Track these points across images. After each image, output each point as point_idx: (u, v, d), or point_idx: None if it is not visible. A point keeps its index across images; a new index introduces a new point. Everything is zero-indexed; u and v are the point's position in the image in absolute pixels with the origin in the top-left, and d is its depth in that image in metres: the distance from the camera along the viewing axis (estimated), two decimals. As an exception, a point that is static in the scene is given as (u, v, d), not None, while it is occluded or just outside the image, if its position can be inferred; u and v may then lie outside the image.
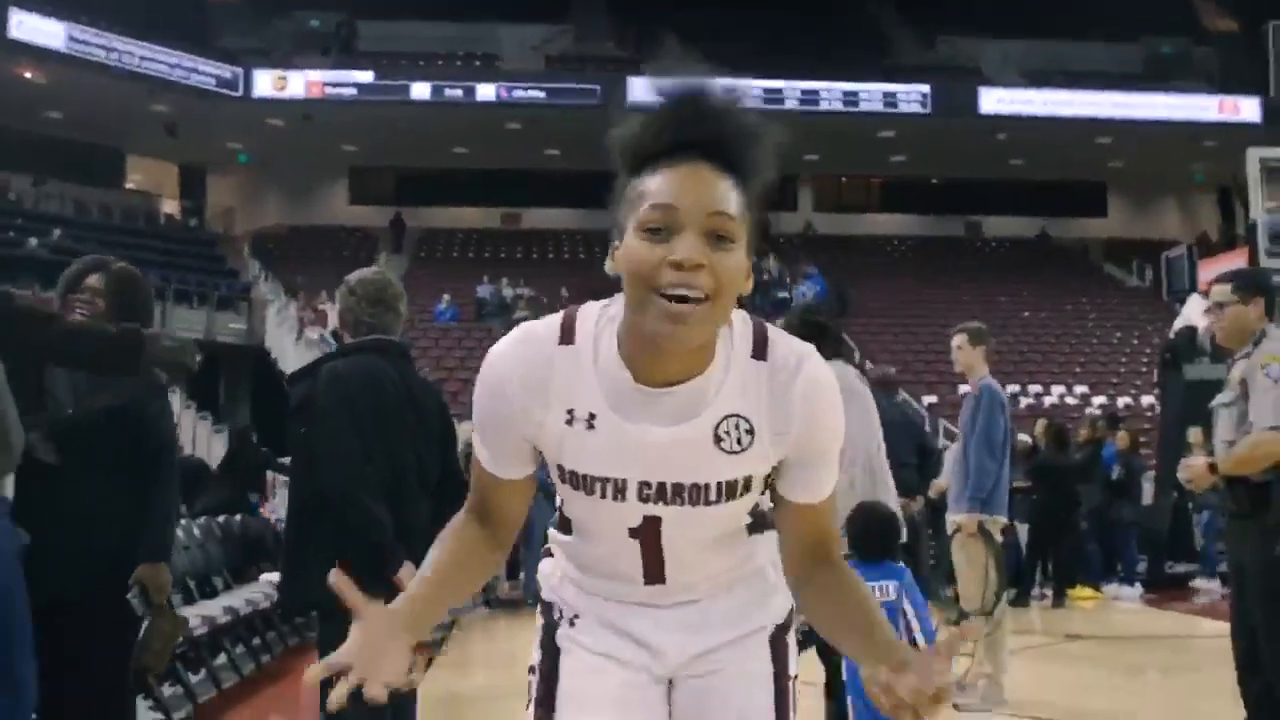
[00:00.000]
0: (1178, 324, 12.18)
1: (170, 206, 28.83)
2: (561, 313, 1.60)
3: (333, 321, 19.41)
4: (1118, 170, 28.77)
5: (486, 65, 27.36)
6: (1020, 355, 22.26)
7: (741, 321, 1.56)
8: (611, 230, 1.51)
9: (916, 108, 25.73)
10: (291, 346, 20.81)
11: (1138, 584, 11.12)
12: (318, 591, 1.74)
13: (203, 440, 18.03)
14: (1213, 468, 4.37)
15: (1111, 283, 27.34)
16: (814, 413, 1.56)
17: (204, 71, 24.43)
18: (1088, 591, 10.43)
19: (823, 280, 23.09)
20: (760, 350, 1.55)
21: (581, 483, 1.59)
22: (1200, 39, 29.53)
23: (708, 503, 1.58)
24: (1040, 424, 11.10)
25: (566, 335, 1.56)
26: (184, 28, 26.03)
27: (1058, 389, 20.29)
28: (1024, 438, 10.69)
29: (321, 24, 27.34)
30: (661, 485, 1.57)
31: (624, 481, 1.56)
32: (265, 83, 24.95)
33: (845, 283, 23.63)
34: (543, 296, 22.65)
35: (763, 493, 1.65)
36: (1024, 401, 19.52)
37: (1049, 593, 10.48)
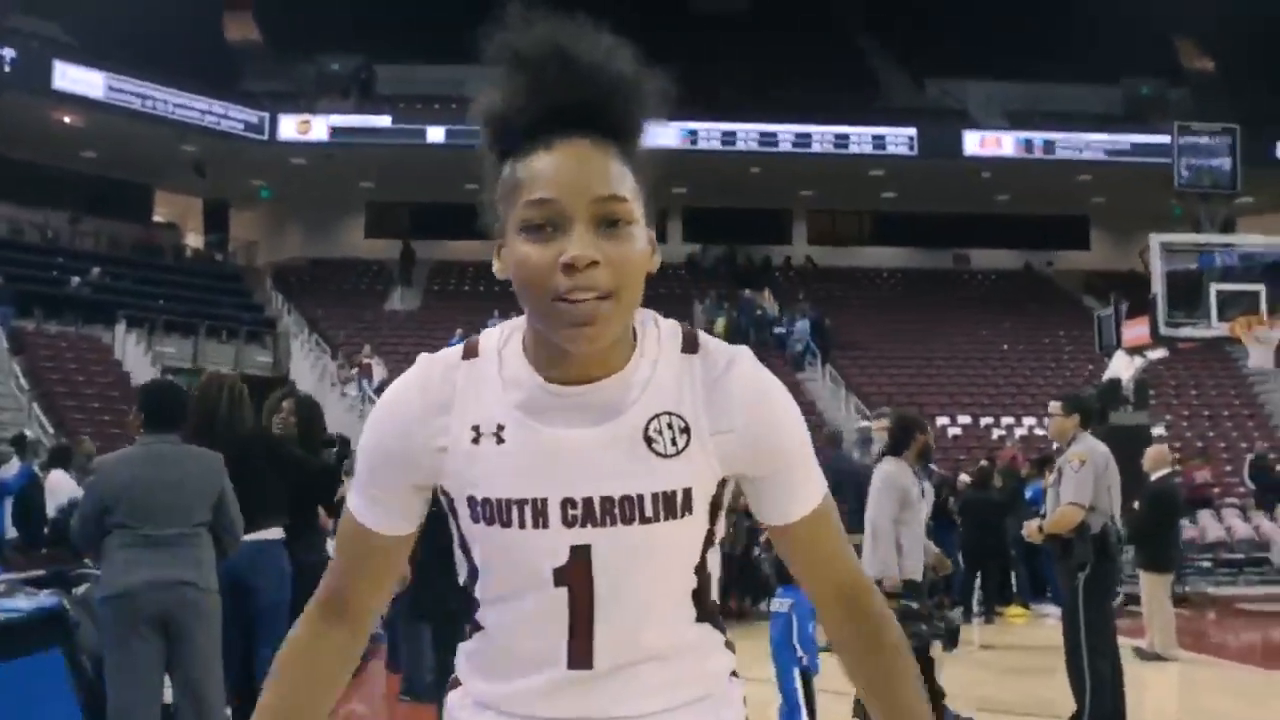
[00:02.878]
0: (1106, 375, 14.13)
1: (194, 239, 30.85)
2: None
3: (378, 376, 21.26)
4: (1100, 205, 30.62)
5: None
6: (996, 387, 24.14)
7: (669, 323, 1.43)
8: (491, 225, 1.39)
9: (904, 149, 27.65)
10: (322, 390, 22.52)
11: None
12: None
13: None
14: (1039, 528, 6.41)
15: (1089, 315, 29.18)
16: (760, 406, 1.41)
17: (232, 117, 26.41)
18: (1018, 609, 12.31)
19: (811, 319, 24.94)
20: (690, 345, 1.41)
21: (496, 513, 1.37)
22: (1177, 80, 31.42)
23: (644, 519, 1.36)
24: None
25: (469, 352, 1.43)
26: (212, 71, 28.06)
27: (1028, 420, 22.13)
28: (964, 477, 12.59)
29: (341, 67, 29.34)
30: (588, 501, 1.36)
31: (544, 502, 1.36)
32: (289, 126, 26.94)
33: (824, 315, 25.38)
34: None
35: (710, 531, 1.44)
36: (995, 433, 21.41)
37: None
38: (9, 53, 23.60)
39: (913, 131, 27.72)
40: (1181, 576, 13.81)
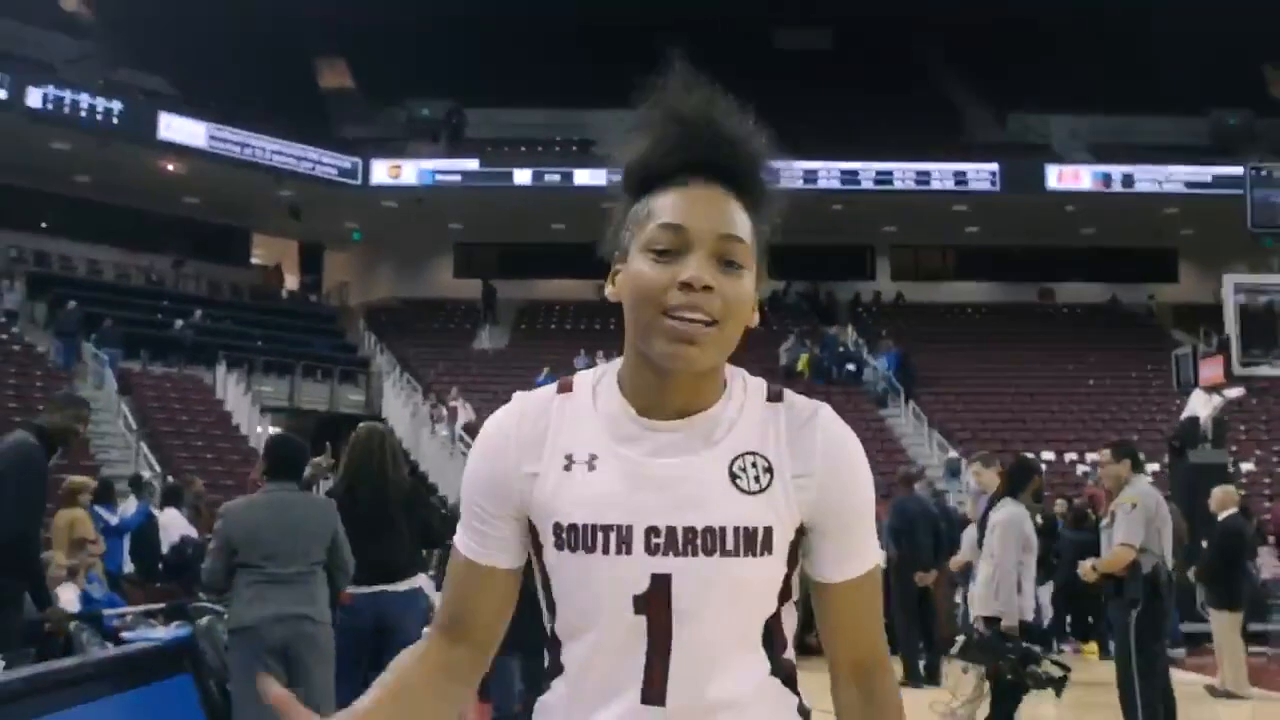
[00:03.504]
0: (1184, 415, 14.29)
1: (290, 281, 31.97)
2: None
3: (463, 417, 21.96)
4: (1188, 237, 30.47)
5: (583, 150, 30.09)
6: (1082, 423, 24.12)
7: (755, 379, 1.53)
8: (611, 252, 1.50)
9: (986, 185, 27.86)
10: (420, 433, 23.25)
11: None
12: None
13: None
14: (1093, 569, 6.76)
15: (1177, 348, 29.02)
16: (839, 460, 1.49)
17: (327, 163, 27.44)
18: (1093, 647, 12.51)
19: (898, 355, 25.18)
20: (775, 396, 1.51)
21: (580, 539, 1.44)
22: (1264, 110, 31.22)
23: (725, 552, 1.42)
24: (1059, 503, 13.24)
25: (563, 388, 1.53)
26: (307, 118, 29.20)
27: (1114, 455, 22.13)
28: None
29: (431, 112, 30.27)
30: (671, 530, 1.42)
31: (628, 529, 1.42)
32: (381, 171, 27.91)
33: (910, 351, 25.61)
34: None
35: (787, 580, 1.49)
36: (1080, 469, 21.44)
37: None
38: (117, 105, 24.84)
39: (995, 167, 27.91)
40: (1264, 615, 13.89)
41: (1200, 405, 13.70)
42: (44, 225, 27.16)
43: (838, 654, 1.55)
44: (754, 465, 1.45)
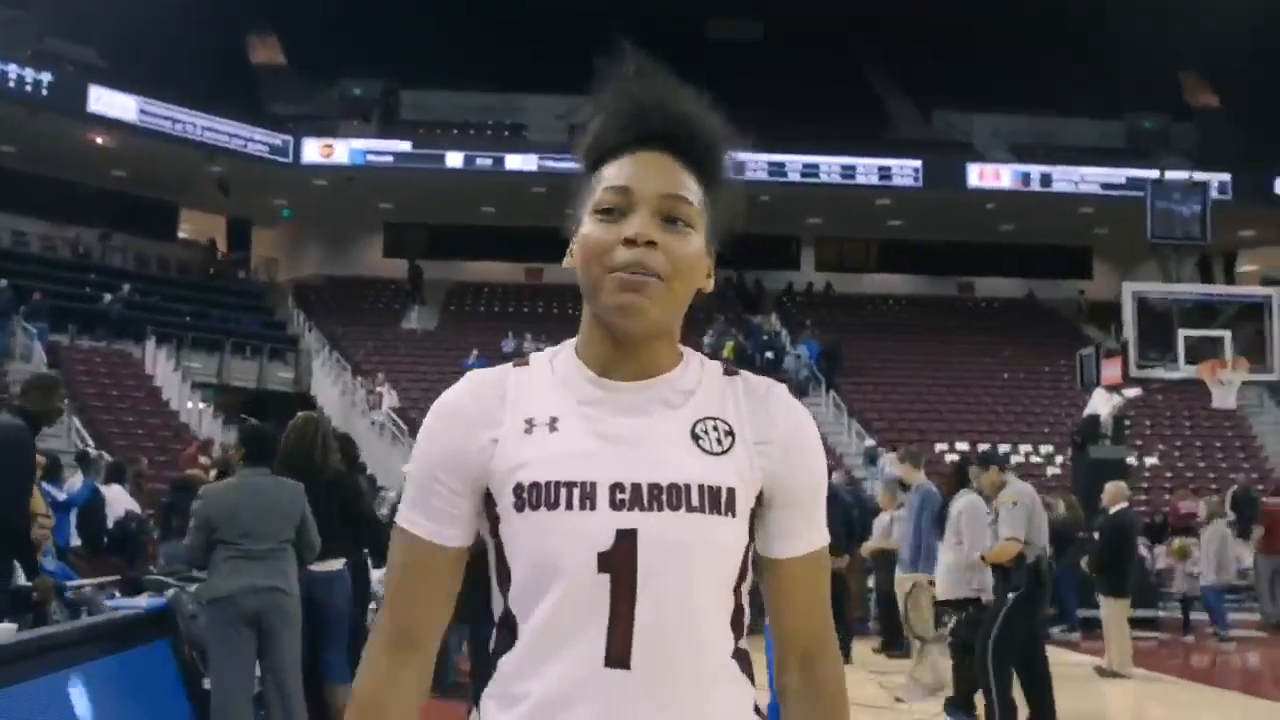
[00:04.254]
0: (1086, 412, 15.25)
1: (216, 257, 32.06)
2: None
3: (388, 402, 22.55)
4: (1102, 236, 31.70)
5: (515, 135, 30.58)
6: (995, 414, 25.20)
7: (710, 360, 1.56)
8: (570, 227, 1.52)
9: (909, 181, 28.84)
10: (350, 413, 23.66)
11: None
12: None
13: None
14: (983, 559, 7.53)
15: (1088, 344, 30.23)
16: (797, 432, 1.51)
17: (258, 140, 27.67)
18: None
19: (815, 344, 26.06)
20: (732, 371, 1.54)
21: (543, 496, 1.41)
22: (1180, 115, 32.56)
23: (690, 507, 1.41)
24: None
25: (520, 363, 1.55)
26: (239, 94, 29.37)
27: (1024, 447, 23.19)
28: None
29: (364, 91, 30.58)
30: (636, 486, 1.41)
31: (592, 485, 1.40)
32: (313, 150, 28.19)
33: (838, 343, 26.54)
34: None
35: (747, 552, 1.48)
36: (991, 459, 22.39)
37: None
38: (46, 76, 24.88)
39: (918, 163, 28.89)
40: (1154, 603, 14.90)
41: (1101, 403, 14.66)
42: (-35, 194, 27.11)
43: (783, 636, 1.54)
44: (715, 429, 1.46)
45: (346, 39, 30.60)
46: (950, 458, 22.60)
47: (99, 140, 26.57)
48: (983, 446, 23.34)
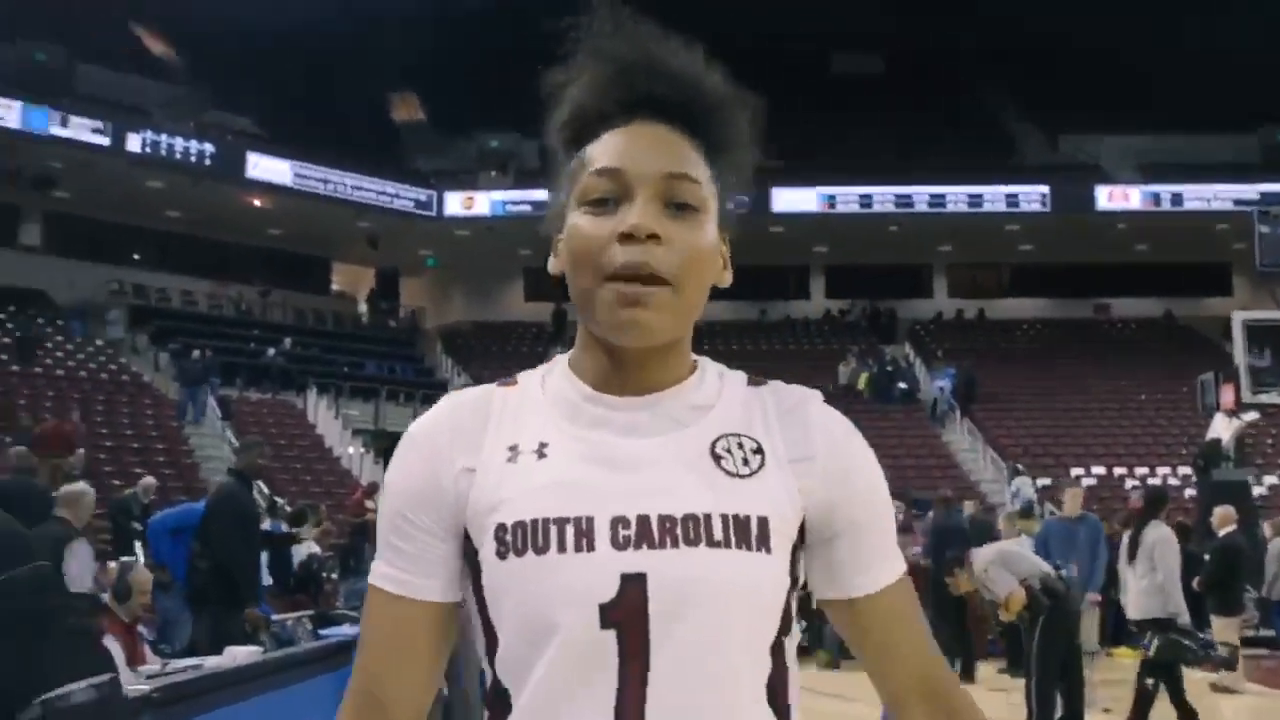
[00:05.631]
0: (1208, 436, 15.74)
1: (365, 306, 34.01)
2: None
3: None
4: (1242, 251, 31.60)
5: (645, 178, 31.84)
6: (1133, 437, 25.45)
7: (732, 370, 1.33)
8: (552, 222, 1.30)
9: (1037, 206, 29.31)
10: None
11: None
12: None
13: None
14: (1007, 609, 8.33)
15: (1229, 361, 30.14)
16: (843, 440, 1.28)
17: (404, 196, 29.46)
18: (1126, 650, 13.98)
19: (953, 373, 26.64)
20: (756, 381, 1.32)
21: (530, 538, 1.17)
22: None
23: (712, 542, 1.16)
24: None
25: (507, 382, 1.31)
26: (384, 152, 31.26)
27: (1162, 470, 23.45)
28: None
29: (500, 144, 32.21)
30: (644, 520, 1.17)
31: (589, 521, 1.17)
32: (455, 203, 29.89)
33: (973, 369, 27.09)
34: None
35: (796, 589, 1.25)
36: (1129, 483, 22.77)
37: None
38: (209, 147, 26.94)
39: (1045, 189, 29.35)
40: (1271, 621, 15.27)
41: (1222, 427, 15.18)
42: (137, 258, 29.40)
43: (898, 679, 1.31)
44: (740, 447, 1.24)
45: (480, 93, 32.27)
46: (1087, 483, 23.10)
47: (257, 203, 28.60)
48: (1119, 470, 23.86)
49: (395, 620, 1.26)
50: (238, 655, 5.57)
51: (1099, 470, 23.59)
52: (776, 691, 1.23)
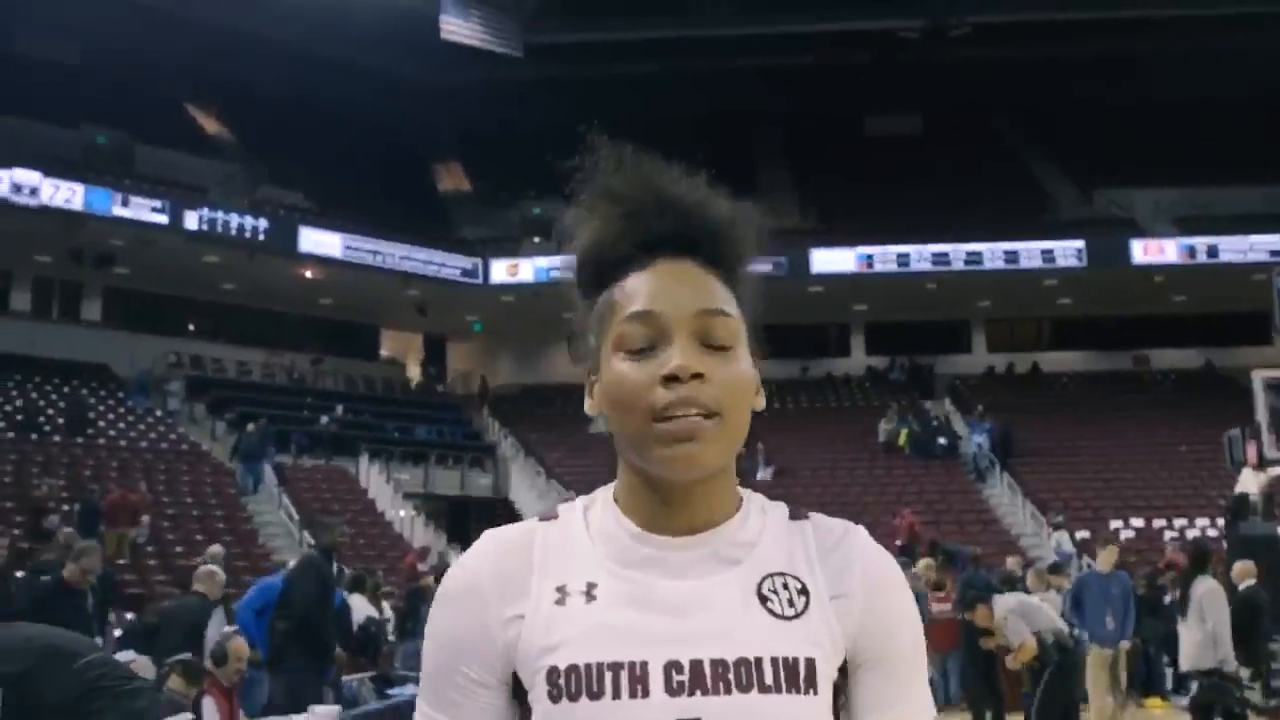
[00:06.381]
0: (1236, 489, 16.25)
1: (413, 371, 35.02)
2: None
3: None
4: (1280, 301, 31.95)
5: (685, 242, 32.70)
6: (1173, 489, 25.77)
7: (771, 501, 1.36)
8: (582, 361, 1.38)
9: (1073, 261, 29.85)
10: (533, 500, 25.99)
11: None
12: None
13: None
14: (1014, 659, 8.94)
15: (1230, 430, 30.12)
16: (881, 580, 1.31)
17: (451, 265, 30.46)
18: (1157, 701, 14.47)
19: (991, 429, 27.13)
20: (799, 514, 1.34)
21: (584, 684, 1.20)
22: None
23: (764, 688, 1.20)
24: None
25: (547, 517, 1.34)
26: (430, 220, 32.34)
27: (1201, 521, 23.77)
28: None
29: (543, 211, 33.20)
30: (697, 664, 1.20)
31: (644, 665, 1.20)
32: (500, 271, 30.84)
33: (1011, 424, 27.56)
34: (742, 447, 27.47)
35: None
36: (1168, 535, 23.15)
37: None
38: (263, 223, 28.04)
39: (1080, 244, 29.89)
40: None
41: (1250, 481, 15.70)
42: (193, 329, 30.56)
43: None
44: (785, 587, 1.26)
45: (524, 162, 33.29)
46: (1125, 535, 23.50)
47: (308, 274, 29.65)
48: (1158, 522, 24.23)
49: None
50: (319, 714, 6.31)
51: (1137, 522, 23.96)
52: None
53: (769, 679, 1.21)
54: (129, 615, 14.24)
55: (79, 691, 3.16)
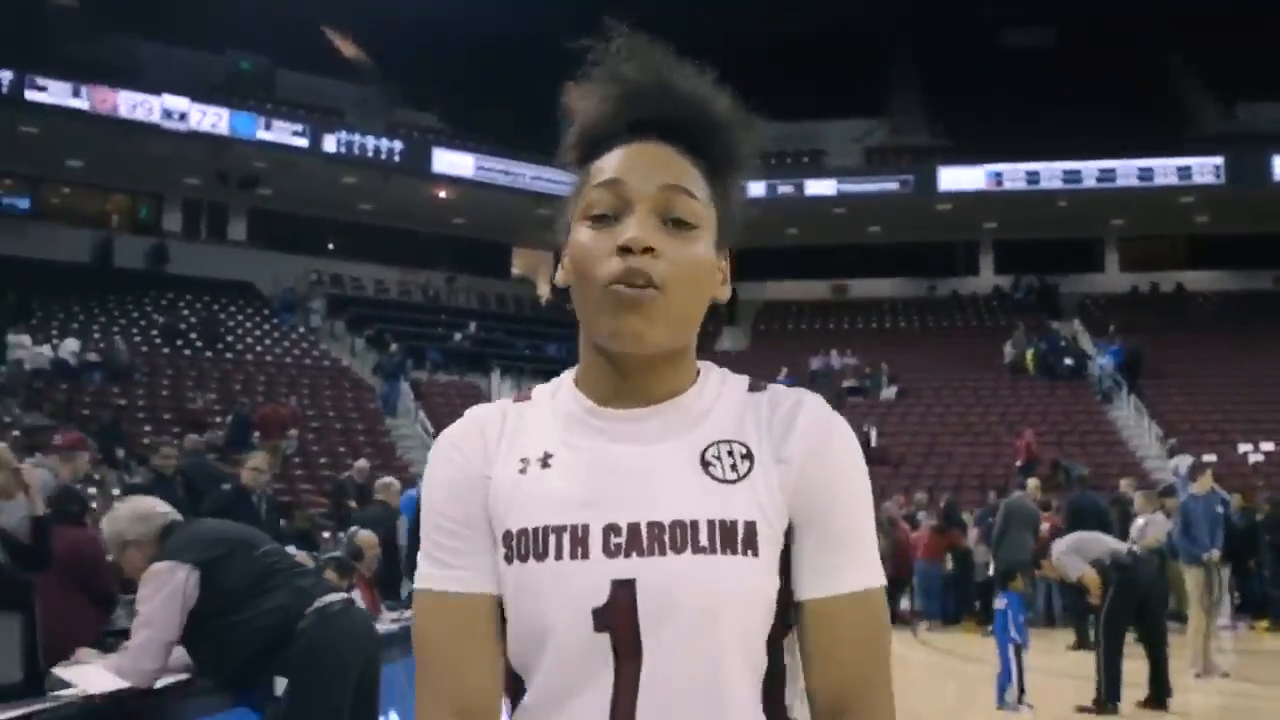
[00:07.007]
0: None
1: (543, 288, 35.94)
2: None
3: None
4: None
5: (814, 161, 32.89)
6: (1306, 412, 25.35)
7: (734, 374, 1.40)
8: (559, 235, 1.40)
9: (1210, 179, 29.29)
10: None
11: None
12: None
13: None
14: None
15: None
16: (823, 442, 1.32)
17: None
18: (1266, 623, 14.74)
19: (1119, 350, 26.97)
20: (757, 386, 1.37)
21: (531, 546, 1.27)
22: None
23: (697, 548, 1.24)
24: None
25: (520, 398, 1.43)
26: (559, 140, 32.96)
27: (1342, 443, 23.42)
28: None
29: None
30: (634, 527, 1.26)
31: (584, 529, 1.26)
32: (632, 188, 31.39)
33: (1142, 345, 27.31)
34: (865, 366, 27.88)
35: (784, 600, 1.30)
36: (1299, 457, 22.92)
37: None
38: (397, 145, 29.05)
39: (1219, 160, 29.30)
40: None
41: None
42: (331, 248, 31.89)
43: (812, 696, 1.33)
44: (730, 453, 1.31)
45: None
46: (1254, 459, 23.39)
47: (442, 194, 30.65)
48: (1290, 444, 23.96)
49: (453, 623, 1.32)
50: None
51: (1267, 446, 23.71)
52: (774, 687, 1.29)
53: (703, 540, 1.25)
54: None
55: (259, 574, 3.97)
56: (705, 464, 1.30)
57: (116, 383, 21.51)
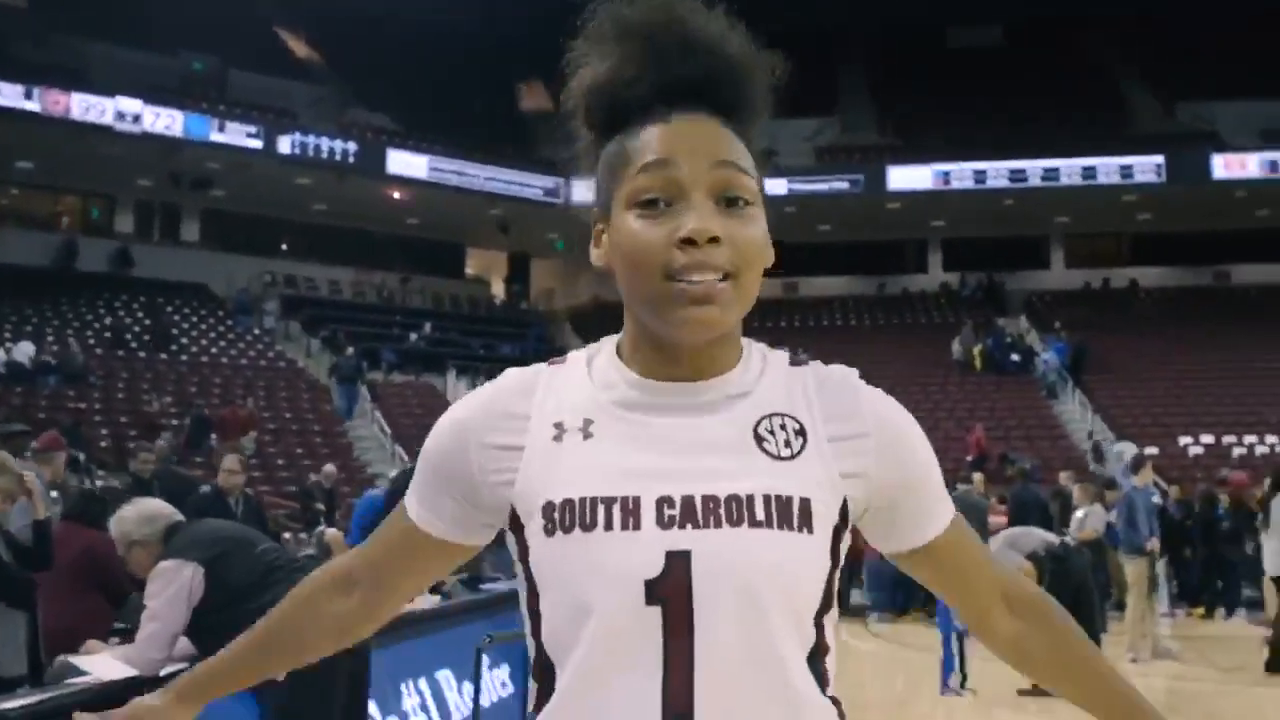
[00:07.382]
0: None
1: (497, 288, 36.28)
2: None
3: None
4: (1367, 215, 31.87)
5: (764, 159, 33.34)
6: (1245, 405, 26.10)
7: (773, 350, 1.41)
8: (591, 210, 1.39)
9: (1152, 177, 30.04)
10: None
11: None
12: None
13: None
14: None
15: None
16: (892, 415, 1.36)
17: (533, 185, 31.51)
18: (1201, 611, 15.32)
19: (1064, 346, 27.66)
20: (797, 360, 1.39)
21: (577, 517, 1.24)
22: None
23: (754, 522, 1.23)
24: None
25: (556, 361, 1.42)
26: (513, 141, 33.33)
27: (1271, 438, 24.16)
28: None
29: (624, 131, 34.06)
30: (688, 499, 1.23)
31: (636, 500, 1.24)
32: (582, 190, 30.70)
33: (1085, 341, 28.02)
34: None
35: (838, 569, 1.30)
36: (1236, 451, 23.62)
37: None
38: (352, 146, 29.27)
39: (1160, 159, 30.03)
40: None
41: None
42: (285, 248, 32.06)
43: (978, 599, 1.45)
44: (783, 428, 1.30)
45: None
46: (1194, 451, 24.10)
47: (396, 195, 30.91)
48: (1227, 439, 24.72)
49: (398, 533, 1.45)
50: (418, 603, 7.49)
51: (1207, 439, 24.39)
52: (817, 663, 1.29)
53: (760, 514, 1.24)
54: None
55: (261, 571, 4.33)
56: (759, 438, 1.29)
57: (72, 386, 21.64)
